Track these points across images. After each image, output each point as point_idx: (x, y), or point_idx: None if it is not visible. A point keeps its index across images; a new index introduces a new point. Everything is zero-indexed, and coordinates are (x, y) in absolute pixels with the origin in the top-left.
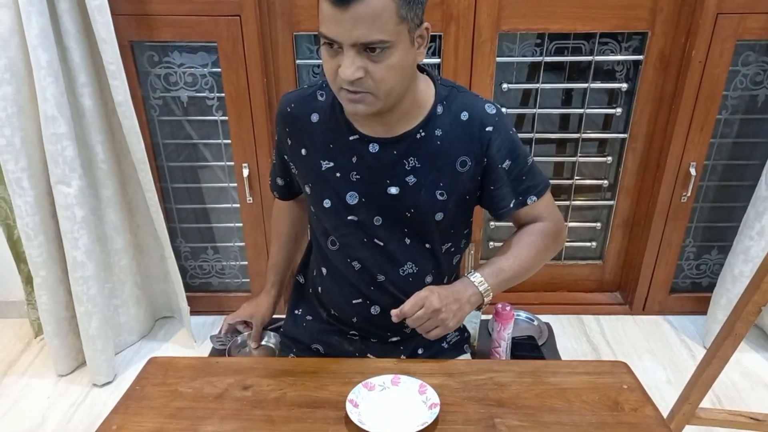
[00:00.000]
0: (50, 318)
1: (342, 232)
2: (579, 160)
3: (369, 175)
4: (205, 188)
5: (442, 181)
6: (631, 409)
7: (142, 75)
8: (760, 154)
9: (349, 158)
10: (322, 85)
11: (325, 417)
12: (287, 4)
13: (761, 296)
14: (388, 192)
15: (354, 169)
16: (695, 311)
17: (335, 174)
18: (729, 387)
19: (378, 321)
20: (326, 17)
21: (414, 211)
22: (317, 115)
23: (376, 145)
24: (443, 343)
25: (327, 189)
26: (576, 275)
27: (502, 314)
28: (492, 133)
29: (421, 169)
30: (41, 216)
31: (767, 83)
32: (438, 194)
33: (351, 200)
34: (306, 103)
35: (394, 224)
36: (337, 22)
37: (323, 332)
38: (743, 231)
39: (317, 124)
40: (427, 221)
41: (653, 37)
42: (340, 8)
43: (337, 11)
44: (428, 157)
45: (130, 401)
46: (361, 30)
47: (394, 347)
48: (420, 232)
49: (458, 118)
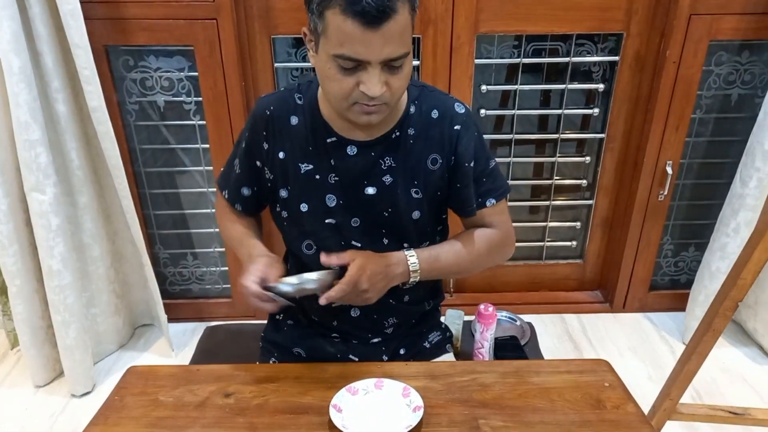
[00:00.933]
0: (26, 328)
1: (319, 236)
2: (558, 160)
3: (347, 177)
4: (183, 193)
5: (416, 179)
6: (613, 407)
7: (117, 80)
8: (735, 152)
9: (328, 161)
10: (298, 88)
11: (308, 423)
12: (264, 7)
13: (738, 292)
14: (365, 192)
15: (332, 171)
16: (674, 308)
17: (314, 176)
18: (708, 382)
19: (358, 323)
20: (351, 38)
21: (391, 210)
22: (296, 117)
23: (354, 148)
24: (425, 343)
25: (305, 192)
26: (557, 274)
27: (484, 315)
28: (460, 131)
29: (396, 168)
30: (15, 224)
31: (740, 83)
32: (413, 192)
33: (330, 203)
34: (284, 105)
35: (372, 226)
36: (365, 42)
37: (304, 336)
38: (719, 228)
39: (296, 126)
40: (405, 220)
41: (628, 38)
42: (372, 29)
43: (367, 31)
44: (403, 156)
45: (109, 412)
46: (392, 47)
47: (376, 348)
48: (397, 231)
49: (429, 117)
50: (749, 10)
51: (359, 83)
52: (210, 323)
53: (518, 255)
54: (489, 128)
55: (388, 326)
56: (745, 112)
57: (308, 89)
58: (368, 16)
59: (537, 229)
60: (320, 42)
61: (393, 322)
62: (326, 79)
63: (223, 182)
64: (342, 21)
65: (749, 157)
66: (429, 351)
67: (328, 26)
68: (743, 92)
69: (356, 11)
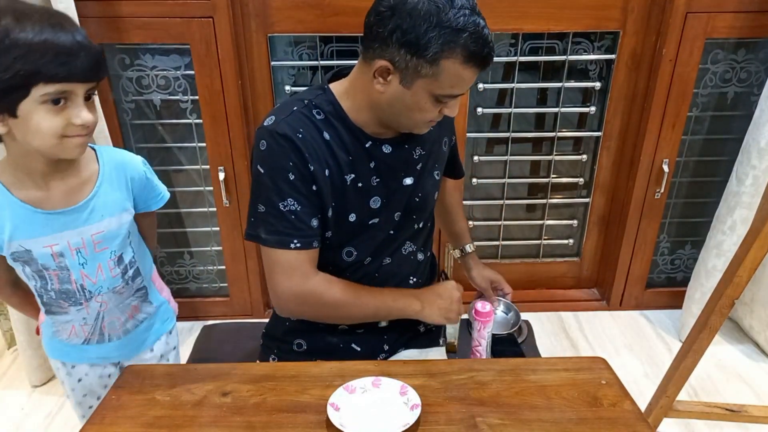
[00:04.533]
0: (23, 328)
1: (361, 240)
2: (555, 158)
3: (388, 174)
4: (180, 192)
5: (437, 162)
6: (609, 404)
7: (113, 78)
8: (731, 150)
9: (368, 165)
10: (309, 103)
11: (306, 421)
12: (261, 6)
13: (734, 290)
14: (404, 184)
15: (373, 173)
16: (671, 306)
17: (357, 185)
18: (705, 379)
19: None
20: (463, 81)
21: (421, 194)
22: (327, 133)
23: (389, 146)
24: (420, 327)
25: (350, 202)
26: (554, 272)
27: (481, 313)
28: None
29: (425, 155)
30: None
31: (736, 81)
32: (435, 174)
33: (374, 204)
34: (310, 125)
35: (408, 214)
36: (471, 80)
37: (307, 329)
38: (716, 226)
39: (331, 141)
40: (430, 202)
41: (625, 37)
42: (484, 70)
43: (478, 73)
44: (427, 143)
45: (106, 411)
46: None
47: (379, 337)
48: (424, 213)
49: None
50: (745, 8)
51: (444, 108)
52: (207, 322)
53: (515, 253)
54: (486, 126)
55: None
56: (741, 110)
57: (323, 101)
58: (487, 62)
59: (534, 227)
60: (419, 81)
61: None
62: (414, 110)
63: (285, 236)
64: (462, 69)
65: (745, 154)
66: (423, 339)
67: (441, 72)
68: (739, 90)
69: (478, 61)
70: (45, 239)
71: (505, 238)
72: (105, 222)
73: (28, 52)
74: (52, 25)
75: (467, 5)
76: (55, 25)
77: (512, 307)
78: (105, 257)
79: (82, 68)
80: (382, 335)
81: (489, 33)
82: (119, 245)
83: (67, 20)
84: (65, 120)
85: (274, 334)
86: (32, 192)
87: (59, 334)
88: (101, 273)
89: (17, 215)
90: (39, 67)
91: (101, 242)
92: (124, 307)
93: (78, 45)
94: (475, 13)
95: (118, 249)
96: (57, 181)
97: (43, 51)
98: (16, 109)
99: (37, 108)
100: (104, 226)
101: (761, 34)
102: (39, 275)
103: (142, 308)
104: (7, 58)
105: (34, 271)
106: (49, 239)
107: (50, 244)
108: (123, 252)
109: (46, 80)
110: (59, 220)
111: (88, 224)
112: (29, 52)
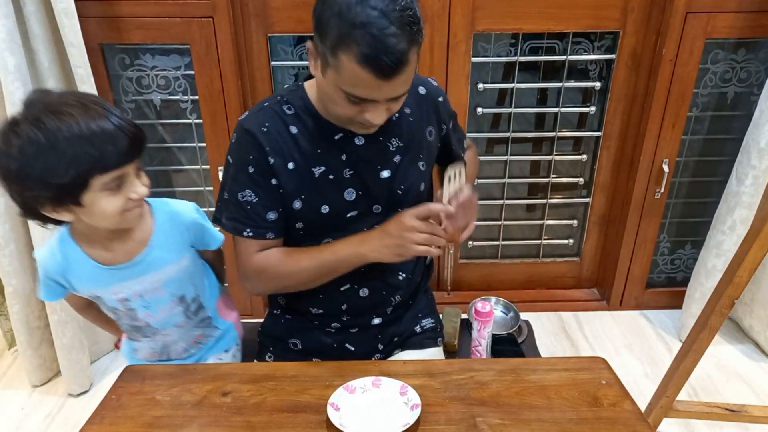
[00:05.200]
0: (23, 328)
1: (341, 231)
2: (555, 158)
3: (362, 167)
4: (180, 192)
5: (421, 153)
6: (609, 404)
7: (113, 78)
8: (730, 150)
9: (339, 157)
10: (281, 99)
11: (306, 421)
12: (261, 6)
13: (734, 290)
14: (381, 177)
15: (346, 166)
16: (671, 305)
17: (328, 177)
18: (705, 379)
19: (366, 303)
20: (364, 83)
21: (404, 187)
22: (294, 127)
23: (362, 138)
24: (416, 328)
25: (322, 195)
26: (554, 272)
27: (481, 313)
28: (443, 102)
29: (404, 147)
30: (11, 224)
31: (736, 81)
32: (420, 166)
33: (349, 197)
34: (278, 119)
35: (390, 207)
36: (377, 87)
37: (301, 328)
38: (715, 226)
39: (299, 134)
40: (416, 194)
41: (625, 37)
42: (385, 80)
43: (380, 81)
44: (406, 135)
45: (106, 411)
46: (399, 89)
47: (372, 336)
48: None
49: (418, 94)
50: (745, 8)
51: (364, 111)
52: None
53: (515, 253)
54: (486, 126)
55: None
56: (741, 110)
57: (295, 97)
58: (384, 70)
59: (534, 227)
60: (328, 71)
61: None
62: (331, 101)
63: (239, 223)
64: (357, 68)
65: (745, 154)
66: (419, 338)
67: (341, 66)
68: (739, 90)
69: (372, 65)
70: (111, 288)
71: (505, 238)
72: (163, 270)
73: (80, 152)
74: (90, 116)
75: (381, 6)
76: (92, 113)
77: (512, 307)
78: (166, 299)
79: (128, 151)
80: (376, 335)
81: (396, 43)
82: (179, 287)
83: (99, 103)
84: (124, 198)
85: (270, 333)
86: (98, 251)
87: (137, 353)
88: (164, 312)
89: (85, 269)
90: (93, 165)
91: (160, 288)
92: (189, 336)
93: (118, 129)
94: (387, 18)
95: (177, 290)
96: (118, 242)
97: (92, 147)
98: (80, 200)
99: (98, 195)
100: (163, 273)
101: (761, 34)
102: (112, 312)
103: (206, 333)
104: (63, 162)
105: (108, 309)
106: (114, 288)
107: (116, 292)
108: (184, 292)
109: (101, 172)
110: (122, 273)
111: (148, 273)
112: (81, 152)
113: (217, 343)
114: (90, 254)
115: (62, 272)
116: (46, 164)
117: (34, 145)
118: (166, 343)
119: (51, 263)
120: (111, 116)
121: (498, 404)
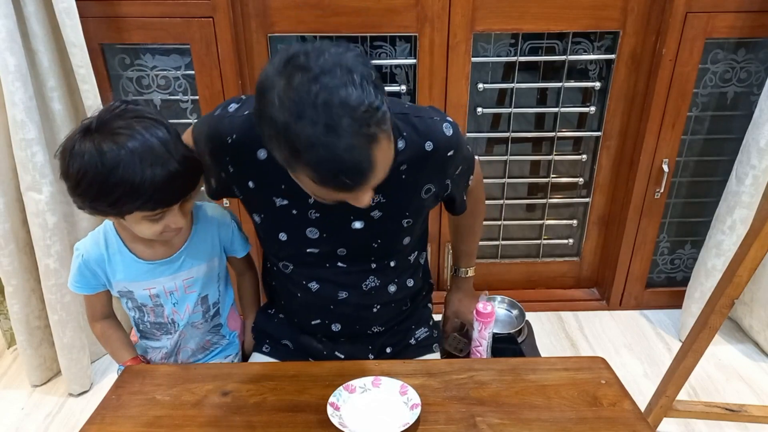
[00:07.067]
0: (23, 328)
1: (301, 260)
2: (554, 158)
3: (330, 213)
4: None
5: (408, 210)
6: (609, 404)
7: (113, 78)
8: (730, 149)
9: (306, 199)
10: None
11: (306, 421)
12: (261, 6)
13: (734, 289)
14: (352, 227)
15: (312, 208)
16: (670, 305)
17: (291, 211)
18: (705, 379)
19: (341, 334)
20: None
21: (381, 240)
22: (263, 151)
23: None
24: (411, 340)
25: (282, 224)
26: (554, 272)
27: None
28: (454, 156)
29: (386, 203)
30: (11, 223)
31: (736, 81)
32: (404, 222)
33: (311, 235)
34: (250, 135)
35: (359, 253)
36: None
37: (292, 332)
38: (715, 225)
39: (266, 161)
40: (395, 247)
41: (624, 37)
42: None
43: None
44: (394, 191)
45: (106, 411)
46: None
47: (362, 347)
48: (386, 256)
49: (422, 149)
50: (745, 8)
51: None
52: None
53: (515, 253)
54: (486, 126)
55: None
56: (741, 110)
57: None
58: (347, 186)
59: (534, 227)
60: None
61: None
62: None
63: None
64: (318, 188)
65: (745, 154)
66: (414, 348)
67: (301, 180)
68: (739, 90)
69: (333, 184)
70: (145, 283)
71: (504, 238)
72: (195, 269)
73: (128, 194)
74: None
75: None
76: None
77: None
78: (193, 298)
79: (173, 198)
80: (367, 345)
81: (353, 156)
82: (205, 287)
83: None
84: (163, 226)
85: (264, 329)
86: (139, 245)
87: (147, 356)
88: (188, 309)
89: (125, 262)
90: (139, 206)
91: (191, 285)
92: (199, 339)
93: (172, 176)
94: (335, 132)
95: (203, 290)
96: (158, 241)
97: (139, 194)
98: (122, 218)
99: (139, 221)
100: (194, 272)
101: (761, 34)
102: (138, 309)
103: (213, 341)
104: (111, 198)
105: (135, 306)
106: (148, 283)
107: (149, 287)
108: (209, 293)
109: (143, 210)
110: (157, 269)
111: (181, 271)
112: (132, 192)
113: (222, 351)
114: (131, 248)
115: (102, 263)
116: (97, 192)
117: (91, 172)
118: (178, 342)
119: (94, 252)
120: (170, 162)
121: (498, 404)
